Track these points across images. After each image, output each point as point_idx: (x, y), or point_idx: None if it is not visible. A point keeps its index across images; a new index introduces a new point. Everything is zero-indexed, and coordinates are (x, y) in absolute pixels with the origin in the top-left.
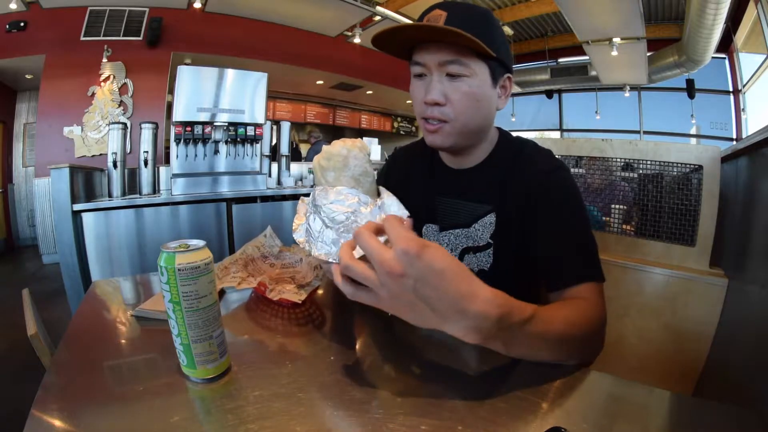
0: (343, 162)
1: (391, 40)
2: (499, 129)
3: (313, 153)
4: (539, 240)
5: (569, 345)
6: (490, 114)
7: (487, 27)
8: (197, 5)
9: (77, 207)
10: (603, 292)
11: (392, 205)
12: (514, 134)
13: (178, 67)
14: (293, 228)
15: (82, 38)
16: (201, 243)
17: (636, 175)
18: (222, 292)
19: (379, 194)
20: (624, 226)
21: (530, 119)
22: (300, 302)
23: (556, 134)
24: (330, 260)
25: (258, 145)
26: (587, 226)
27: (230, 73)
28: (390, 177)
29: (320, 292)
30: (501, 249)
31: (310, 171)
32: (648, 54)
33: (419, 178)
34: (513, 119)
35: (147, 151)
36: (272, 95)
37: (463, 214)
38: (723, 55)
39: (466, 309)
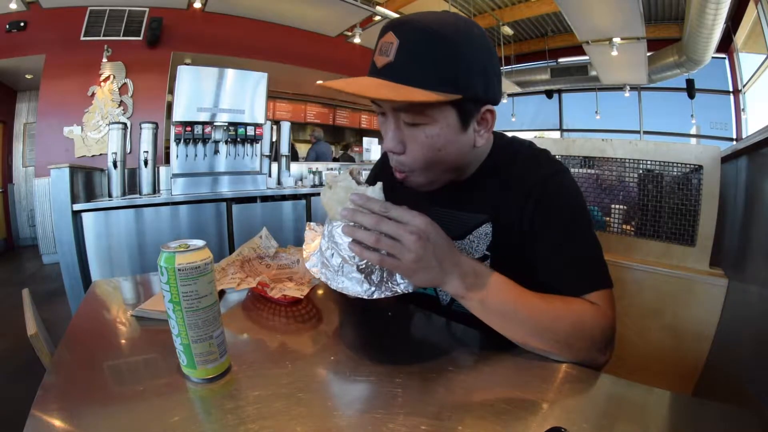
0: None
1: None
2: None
3: (313, 153)
4: (538, 250)
5: (549, 330)
6: (461, 154)
7: (450, 60)
8: (197, 5)
9: (77, 207)
10: (610, 297)
11: None
12: (511, 134)
13: (178, 67)
14: (304, 257)
15: (82, 38)
16: (201, 243)
17: (636, 175)
18: (221, 293)
19: None
20: (624, 226)
21: (530, 119)
22: (302, 297)
23: (556, 134)
24: (357, 296)
25: (258, 145)
26: (588, 232)
27: (230, 73)
28: (379, 179)
29: (320, 292)
30: (499, 260)
31: (310, 171)
32: (648, 54)
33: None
34: (513, 119)
35: (147, 151)
36: (272, 95)
37: (456, 226)
38: (723, 55)
39: (459, 260)
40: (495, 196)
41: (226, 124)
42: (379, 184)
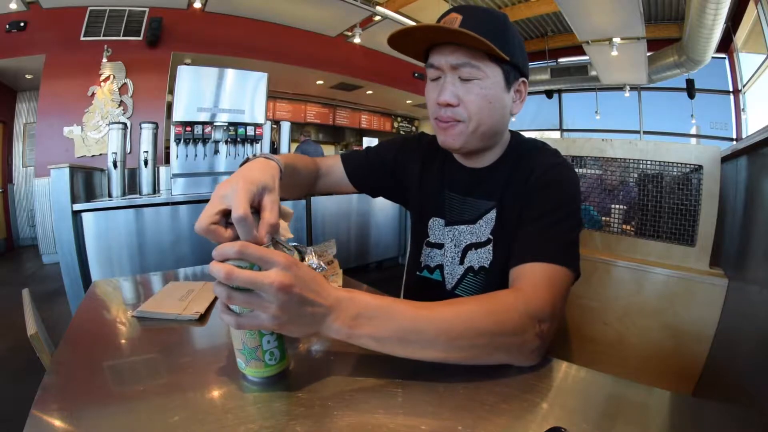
0: None
1: (406, 40)
2: (511, 132)
3: (300, 152)
4: (518, 226)
5: (465, 338)
6: (504, 117)
7: (501, 31)
8: (197, 5)
9: (77, 207)
10: (554, 275)
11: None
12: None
13: (178, 67)
14: None
15: (82, 38)
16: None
17: (636, 175)
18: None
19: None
20: (624, 226)
21: (530, 119)
22: None
23: (556, 134)
24: None
25: (258, 145)
26: (566, 222)
27: (230, 73)
28: (406, 152)
29: None
30: (499, 244)
31: None
32: (648, 54)
33: (433, 171)
34: (513, 119)
35: (147, 151)
36: (272, 95)
37: (469, 211)
38: (723, 55)
39: (335, 296)
40: (503, 184)
41: (226, 124)
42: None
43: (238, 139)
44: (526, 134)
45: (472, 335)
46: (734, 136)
